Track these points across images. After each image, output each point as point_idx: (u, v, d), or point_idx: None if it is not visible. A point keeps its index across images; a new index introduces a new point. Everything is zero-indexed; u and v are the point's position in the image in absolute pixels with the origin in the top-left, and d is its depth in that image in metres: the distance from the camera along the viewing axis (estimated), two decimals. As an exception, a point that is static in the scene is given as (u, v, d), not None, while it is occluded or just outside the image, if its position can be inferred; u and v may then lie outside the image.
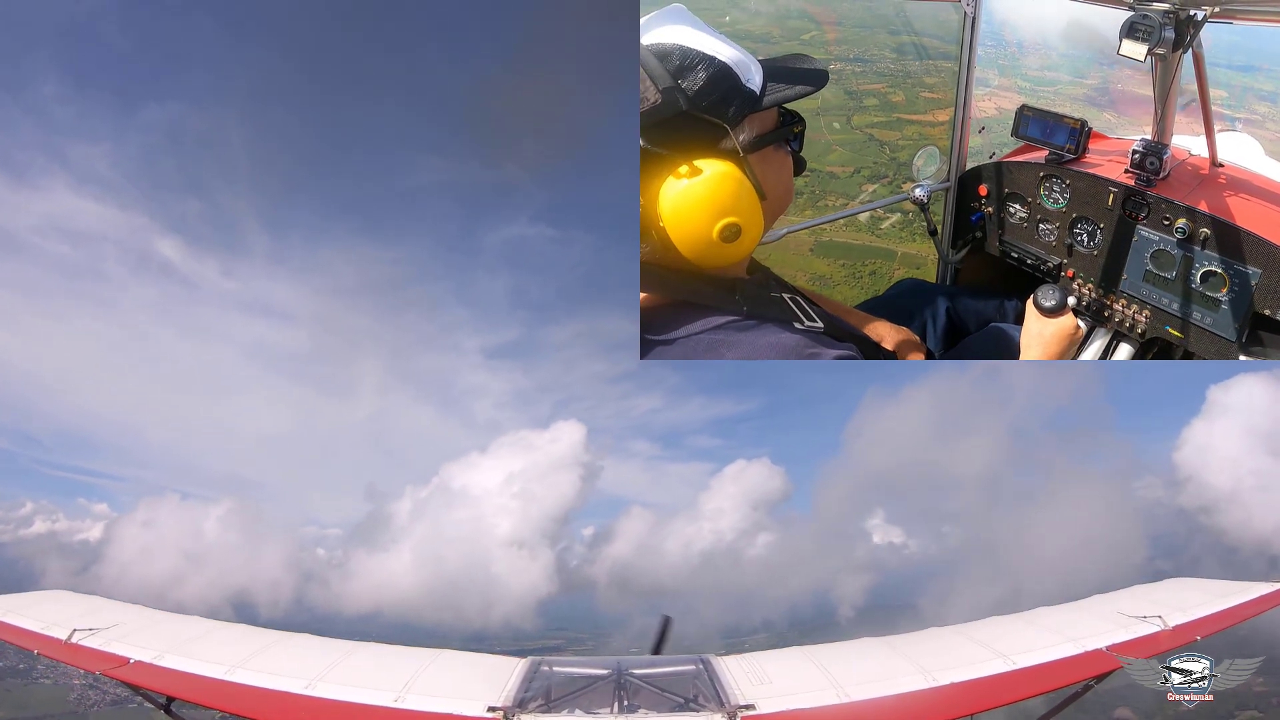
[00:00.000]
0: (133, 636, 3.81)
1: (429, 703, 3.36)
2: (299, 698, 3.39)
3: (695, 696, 3.47)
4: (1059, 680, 3.47)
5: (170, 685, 3.52)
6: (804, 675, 3.54)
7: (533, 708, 3.36)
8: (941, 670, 3.47)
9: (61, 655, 3.73)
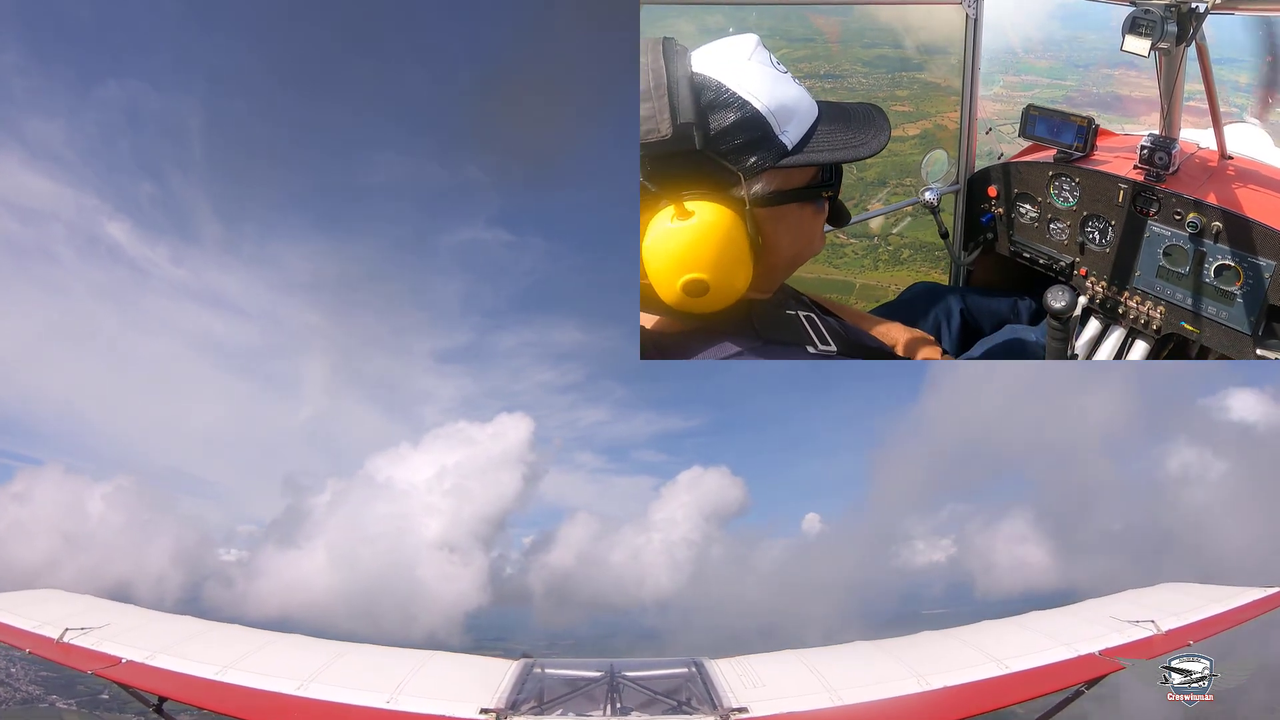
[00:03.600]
0: (125, 636, 3.80)
1: (421, 704, 3.36)
2: (291, 698, 3.39)
3: (688, 699, 3.48)
4: (1052, 684, 3.47)
5: (162, 685, 3.53)
6: (797, 678, 3.54)
7: (525, 710, 3.37)
8: (934, 674, 3.46)
9: (53, 655, 3.73)
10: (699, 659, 3.80)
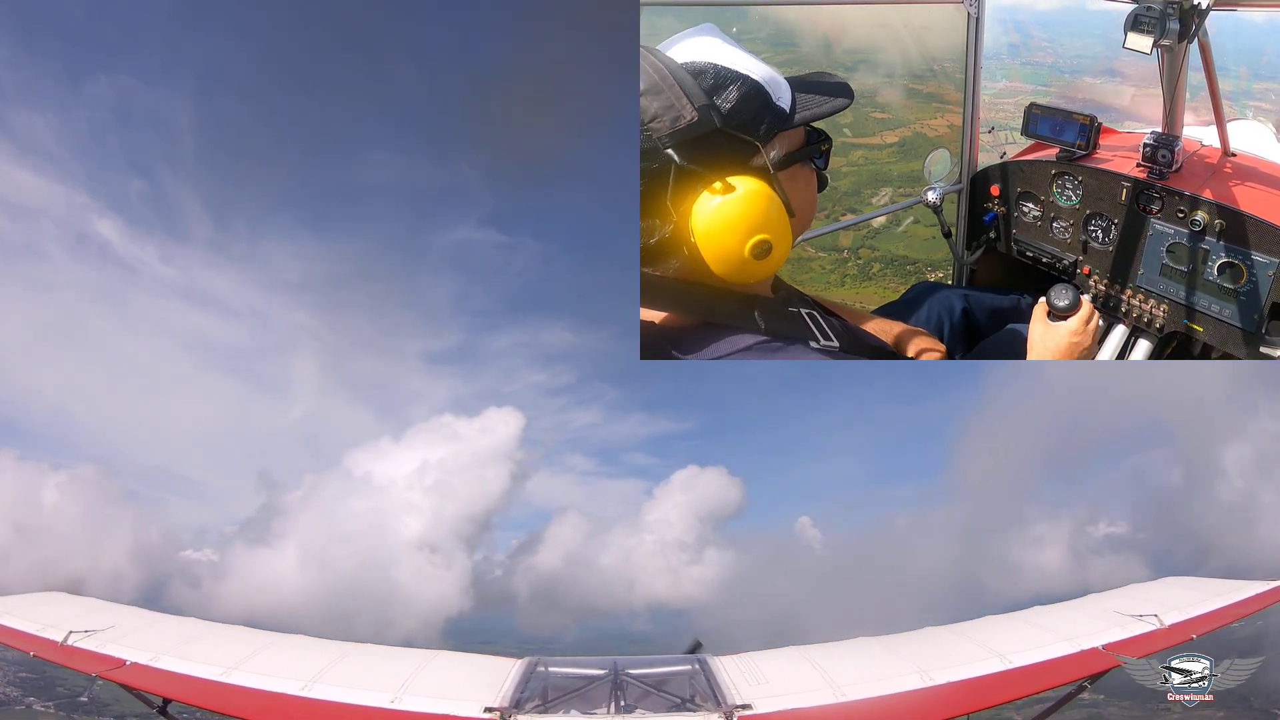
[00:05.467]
0: (129, 638, 3.81)
1: (425, 704, 3.37)
2: (295, 699, 3.40)
3: (692, 696, 3.49)
4: (1054, 679, 3.49)
5: (166, 687, 3.54)
6: (800, 675, 3.55)
7: (529, 708, 3.37)
8: (937, 669, 3.48)
9: (58, 657, 3.73)
10: (703, 656, 3.82)
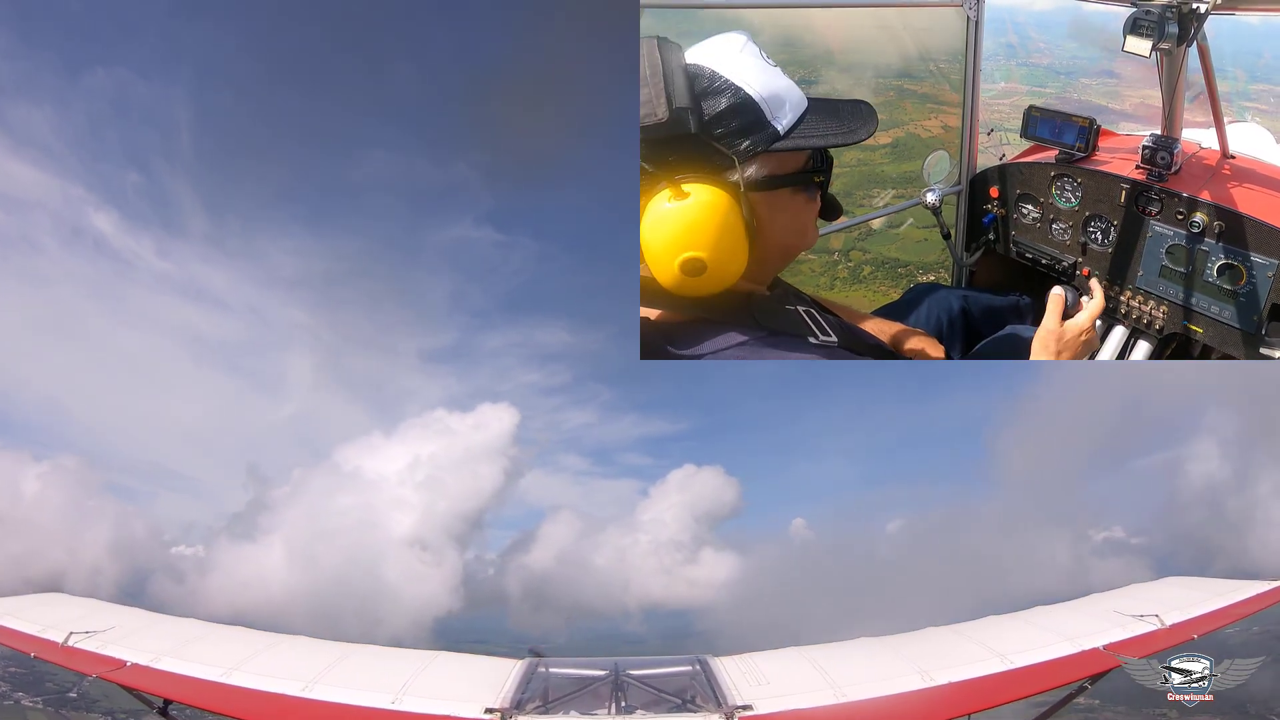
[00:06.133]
0: (129, 639, 3.81)
1: (426, 704, 3.37)
2: (296, 700, 3.40)
3: (693, 697, 3.49)
4: (1056, 679, 3.49)
5: (167, 688, 3.53)
6: (801, 675, 3.55)
7: (530, 709, 3.37)
8: (938, 670, 3.48)
9: (58, 658, 3.73)
10: (703, 656, 3.81)
